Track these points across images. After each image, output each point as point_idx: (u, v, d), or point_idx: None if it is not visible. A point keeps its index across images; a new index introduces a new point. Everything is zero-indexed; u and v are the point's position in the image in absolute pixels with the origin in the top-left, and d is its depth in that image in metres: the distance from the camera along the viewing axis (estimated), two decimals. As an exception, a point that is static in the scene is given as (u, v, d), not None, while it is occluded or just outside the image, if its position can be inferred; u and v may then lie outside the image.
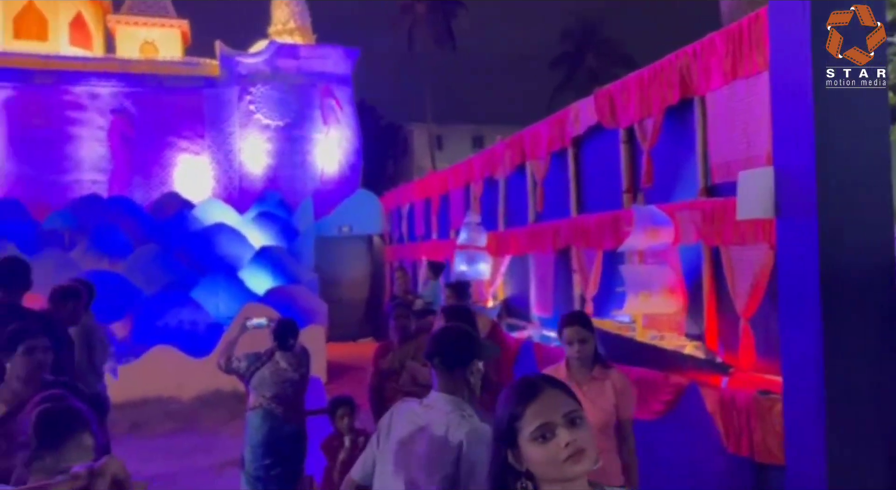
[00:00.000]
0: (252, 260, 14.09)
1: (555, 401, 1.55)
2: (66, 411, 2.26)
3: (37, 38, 18.53)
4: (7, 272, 4.41)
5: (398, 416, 2.55)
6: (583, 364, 3.43)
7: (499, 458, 1.59)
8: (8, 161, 16.77)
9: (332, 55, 19.10)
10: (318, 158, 18.79)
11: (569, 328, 3.43)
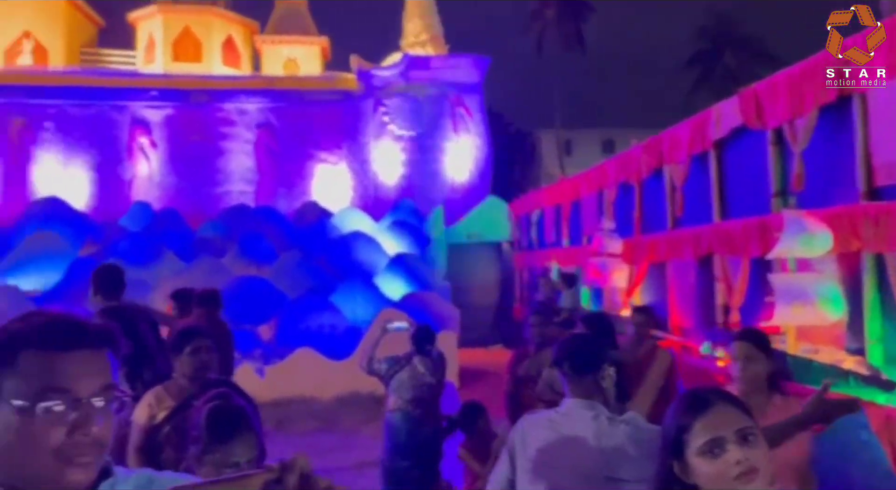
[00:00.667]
0: (387, 267, 14.50)
1: (726, 415, 1.51)
2: (233, 409, 2.42)
3: (193, 60, 20.05)
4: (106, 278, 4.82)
5: (533, 426, 2.53)
6: (752, 387, 3.09)
7: (664, 469, 1.56)
8: (168, 174, 18.22)
9: (463, 65, 19.37)
10: (449, 167, 19.09)
11: (737, 343, 3.16)
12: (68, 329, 1.20)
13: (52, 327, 1.20)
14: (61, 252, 13.91)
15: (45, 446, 1.15)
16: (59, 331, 1.19)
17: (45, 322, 1.20)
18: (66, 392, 1.16)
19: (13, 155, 17.46)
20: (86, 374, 1.19)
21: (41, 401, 1.15)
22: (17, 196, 17.21)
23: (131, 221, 15.92)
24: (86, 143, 17.85)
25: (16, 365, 1.17)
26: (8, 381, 1.16)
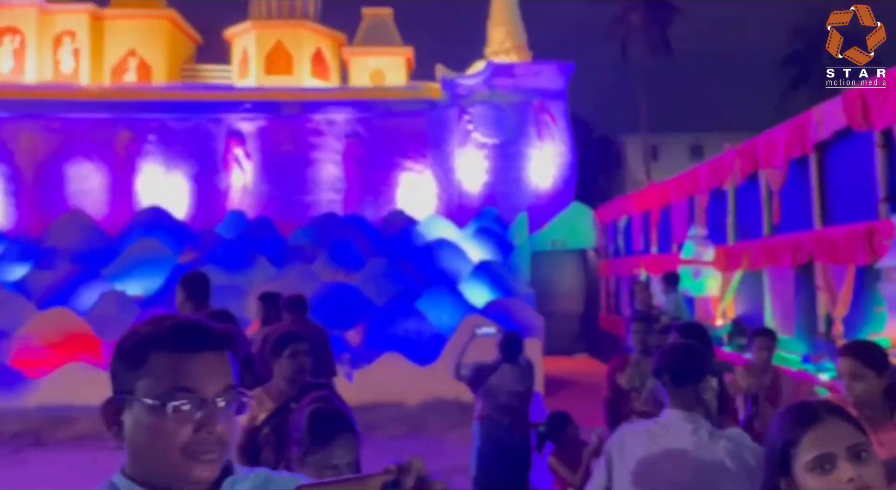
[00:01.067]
0: (471, 273, 14.56)
1: (837, 430, 1.44)
2: (334, 411, 2.49)
3: (284, 73, 20.74)
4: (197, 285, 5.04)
5: (632, 436, 2.50)
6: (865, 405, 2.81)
7: (771, 484, 1.52)
8: (261, 184, 18.89)
9: (547, 71, 19.27)
10: (533, 174, 19.01)
11: (842, 359, 2.89)
12: (195, 332, 1.27)
13: (180, 330, 1.26)
14: (163, 259, 14.62)
15: (174, 443, 1.21)
16: (186, 334, 1.26)
17: (173, 325, 1.27)
18: (192, 392, 1.22)
19: (120, 167, 18.50)
20: (210, 375, 1.25)
21: (171, 400, 1.21)
22: (123, 205, 18.22)
23: (227, 229, 16.57)
24: (185, 155, 18.74)
25: (147, 366, 1.24)
26: (140, 381, 1.24)
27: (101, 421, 1.28)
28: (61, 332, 11.90)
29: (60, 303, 12.82)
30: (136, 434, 1.24)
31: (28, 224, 17.72)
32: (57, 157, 18.29)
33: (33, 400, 10.83)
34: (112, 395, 1.27)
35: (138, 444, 1.24)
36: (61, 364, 11.38)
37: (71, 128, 18.37)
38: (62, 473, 8.09)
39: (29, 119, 18.24)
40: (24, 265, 14.75)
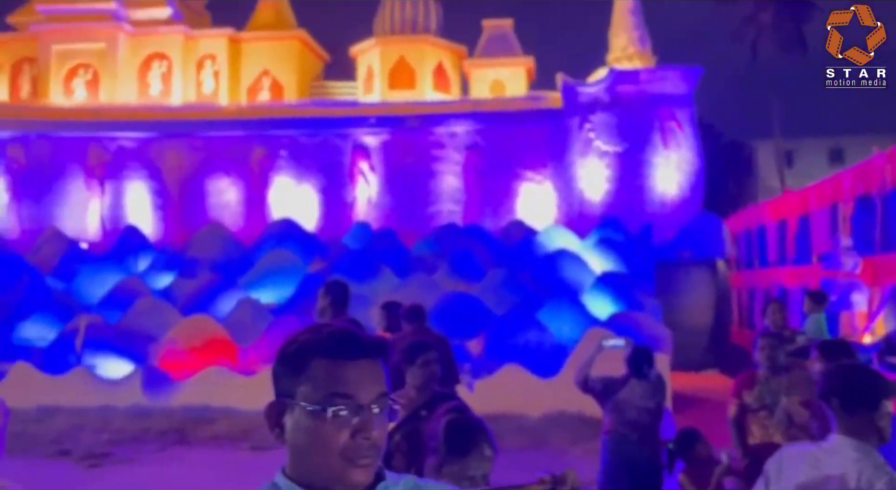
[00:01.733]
0: (594, 285, 14.28)
1: None
2: (470, 423, 2.50)
3: (407, 88, 21.27)
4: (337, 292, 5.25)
5: (792, 460, 2.36)
6: None
7: None
8: (385, 196, 19.42)
9: (672, 76, 18.69)
10: (658, 182, 18.45)
11: None
12: (351, 341, 1.31)
13: (337, 339, 1.31)
14: (294, 268, 15.30)
15: (333, 447, 1.26)
16: (344, 342, 1.31)
17: (331, 334, 1.32)
18: (350, 398, 1.27)
19: (254, 181, 19.59)
20: (366, 382, 1.29)
21: (330, 405, 1.26)
22: (257, 217, 19.26)
23: (353, 240, 17.13)
24: (314, 169, 19.58)
25: (307, 372, 1.29)
26: (301, 386, 1.29)
27: (265, 422, 1.34)
28: (202, 338, 12.68)
29: (201, 310, 13.67)
30: (296, 437, 1.29)
31: (173, 235, 19.08)
32: (199, 173, 19.61)
33: (178, 400, 11.60)
34: (274, 399, 1.33)
35: (299, 447, 1.29)
36: (202, 367, 12.13)
37: (211, 145, 19.65)
38: (204, 471, 8.60)
39: (174, 138, 19.67)
40: (170, 274, 15.85)
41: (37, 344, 13.42)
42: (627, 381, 5.36)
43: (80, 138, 19.71)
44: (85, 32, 20.88)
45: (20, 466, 7.78)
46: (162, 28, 21.49)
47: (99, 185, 19.68)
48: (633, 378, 5.36)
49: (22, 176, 19.68)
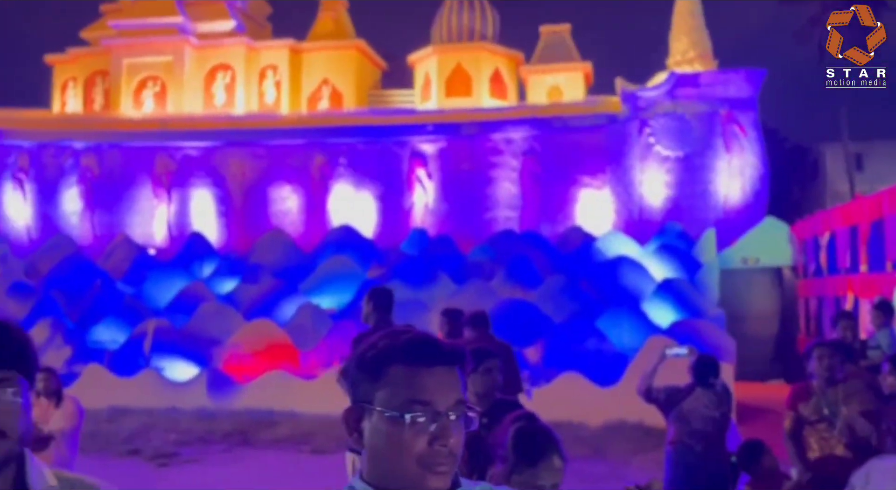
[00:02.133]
0: (655, 292, 14.05)
1: None
2: (541, 432, 2.49)
3: (463, 95, 21.34)
4: (381, 298, 5.27)
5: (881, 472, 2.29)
6: None
7: None
8: (441, 202, 19.51)
9: (735, 79, 18.27)
10: (721, 187, 18.04)
11: None
12: (429, 347, 1.32)
13: (416, 345, 1.32)
14: (352, 274, 15.51)
15: (411, 453, 1.27)
16: (422, 348, 1.32)
17: (409, 340, 1.33)
18: (428, 405, 1.28)
19: (314, 188, 19.94)
20: (444, 388, 1.30)
21: (408, 412, 1.27)
22: (317, 224, 19.59)
23: (410, 246, 17.26)
24: (372, 176, 19.81)
25: (386, 378, 1.30)
26: (379, 391, 1.30)
27: (343, 427, 1.36)
28: (265, 342, 12.97)
29: (264, 315, 13.98)
30: (374, 442, 1.30)
31: (237, 242, 19.56)
32: (261, 181, 20.07)
33: (241, 403, 11.88)
34: (352, 404, 1.35)
35: (377, 452, 1.31)
36: (264, 371, 12.39)
37: (273, 154, 20.09)
38: (267, 472, 8.78)
39: (238, 147, 20.19)
40: (234, 279, 16.26)
41: (108, 346, 13.94)
42: (692, 390, 5.27)
43: (149, 148, 20.42)
44: (153, 46, 21.65)
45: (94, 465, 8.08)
46: (226, 40, 22.11)
47: (166, 193, 20.34)
48: (698, 387, 5.26)
49: (95, 185, 20.49)
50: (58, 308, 14.70)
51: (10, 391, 1.23)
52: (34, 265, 17.80)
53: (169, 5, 21.89)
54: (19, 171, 20.67)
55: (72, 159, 20.67)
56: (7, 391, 1.23)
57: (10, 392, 1.23)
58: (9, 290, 15.85)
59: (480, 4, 22.55)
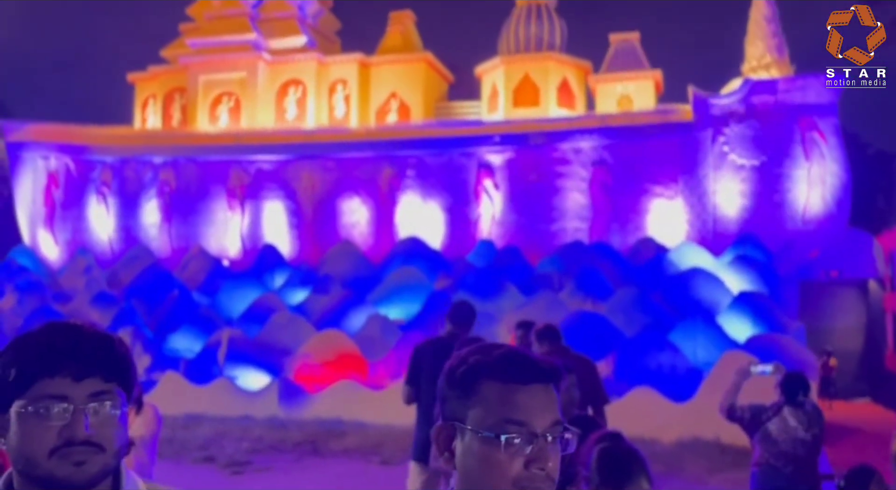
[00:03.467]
0: (731, 305, 13.59)
1: None
2: (626, 453, 2.38)
3: (531, 105, 21.23)
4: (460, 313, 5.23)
5: None
6: None
7: None
8: (509, 213, 19.40)
9: (814, 85, 17.57)
10: (800, 197, 17.37)
11: None
12: (525, 364, 1.24)
13: (511, 361, 1.24)
14: (420, 285, 15.56)
15: (506, 476, 1.19)
16: (517, 365, 1.24)
17: (503, 356, 1.25)
18: (523, 425, 1.20)
19: (383, 200, 20.13)
20: (540, 408, 1.22)
21: (503, 432, 1.20)
22: (385, 236, 19.76)
23: (477, 258, 17.21)
24: (439, 188, 19.87)
25: (478, 395, 1.23)
26: (471, 410, 1.23)
27: (434, 446, 1.30)
28: (334, 352, 13.11)
29: (334, 325, 14.16)
30: (467, 463, 1.23)
31: (308, 253, 19.91)
32: (331, 193, 20.39)
33: (311, 413, 12.02)
34: (443, 422, 1.28)
35: (470, 473, 1.24)
36: (334, 381, 12.52)
37: (343, 166, 20.40)
38: (337, 482, 8.83)
39: (308, 160, 20.59)
40: (305, 290, 16.55)
41: (185, 355, 14.36)
42: (780, 409, 5.01)
43: (223, 162, 21.03)
44: (228, 63, 22.35)
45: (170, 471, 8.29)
46: (297, 56, 22.63)
47: (240, 205, 20.89)
48: (787, 406, 4.99)
49: (172, 198, 21.22)
50: (138, 317, 15.25)
51: (109, 404, 1.23)
52: (116, 276, 18.54)
53: (243, 23, 22.57)
54: (103, 185, 21.60)
55: (151, 173, 21.48)
56: (106, 404, 1.22)
57: (108, 405, 1.22)
58: (93, 299, 16.53)
59: (548, 14, 22.44)
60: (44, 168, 21.90)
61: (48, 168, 21.87)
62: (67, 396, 1.19)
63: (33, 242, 21.71)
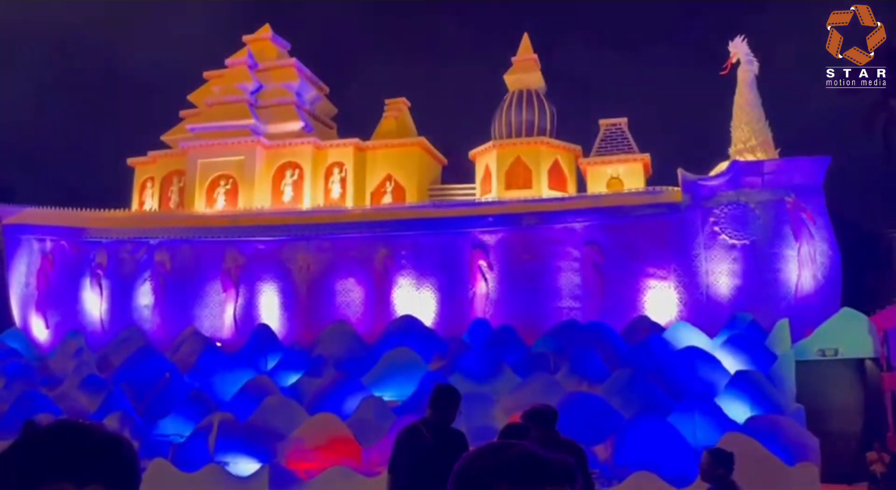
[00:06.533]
0: (728, 386, 13.50)
1: None
2: None
3: (523, 187, 21.63)
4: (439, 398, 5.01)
5: None
6: None
7: None
8: (504, 292, 19.45)
9: (800, 166, 18.05)
10: (791, 275, 17.52)
11: None
12: (538, 466, 1.23)
13: (523, 463, 1.23)
14: (415, 366, 15.43)
15: None
16: (530, 467, 1.23)
17: (515, 458, 1.24)
18: None
19: (378, 280, 20.18)
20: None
21: None
22: (380, 315, 19.71)
23: (472, 337, 17.14)
24: (434, 268, 19.98)
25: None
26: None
27: None
28: (327, 436, 12.86)
29: (327, 408, 13.94)
30: None
31: (301, 334, 19.78)
32: (326, 274, 20.45)
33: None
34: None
35: None
36: (327, 466, 12.22)
37: (338, 247, 20.55)
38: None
39: (304, 240, 20.74)
40: (298, 372, 16.35)
41: (174, 439, 14.03)
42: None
43: (219, 242, 21.16)
44: (227, 147, 22.82)
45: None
46: (294, 140, 23.14)
47: (234, 286, 20.89)
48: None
49: (167, 279, 21.22)
50: (127, 402, 14.98)
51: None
52: (107, 358, 18.31)
53: (242, 109, 23.18)
54: (97, 267, 21.63)
55: (146, 255, 21.55)
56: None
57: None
58: (81, 383, 16.29)
59: (538, 100, 23.15)
60: (39, 250, 21.97)
61: (43, 250, 21.95)
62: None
63: (24, 325, 21.53)
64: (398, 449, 4.98)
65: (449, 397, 5.07)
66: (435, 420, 5.02)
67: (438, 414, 5.03)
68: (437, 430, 4.94)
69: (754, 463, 10.95)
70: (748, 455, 11.05)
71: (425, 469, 4.59)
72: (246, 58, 24.06)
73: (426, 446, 4.79)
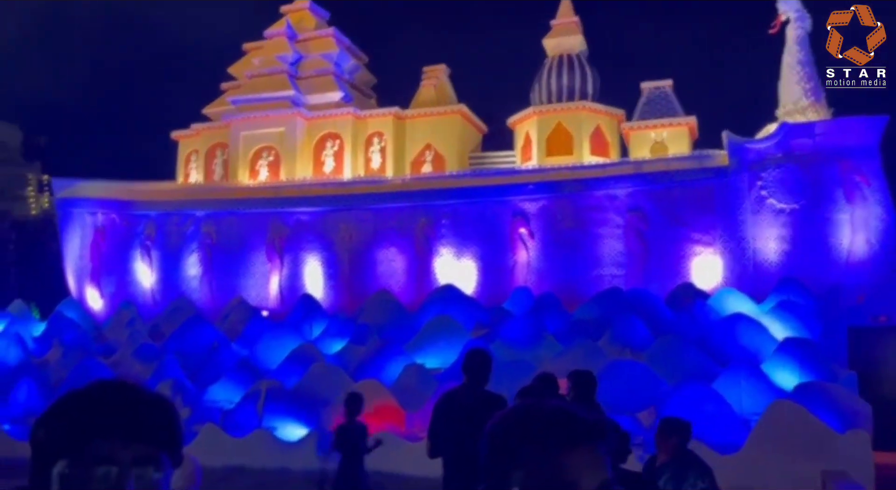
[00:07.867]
0: (776, 352, 13.24)
1: None
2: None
3: (564, 153, 21.36)
4: (472, 363, 5.08)
5: None
6: None
7: None
8: (544, 261, 19.33)
9: (854, 127, 17.37)
10: (843, 240, 17.00)
11: None
12: (569, 424, 1.20)
13: (553, 422, 1.20)
14: (457, 334, 15.49)
15: None
16: (560, 426, 1.20)
17: (545, 416, 1.21)
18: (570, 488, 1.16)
19: (419, 250, 20.25)
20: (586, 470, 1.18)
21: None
22: (422, 284, 19.82)
23: (513, 305, 17.11)
24: (475, 236, 19.94)
25: (521, 459, 1.19)
26: (515, 473, 1.19)
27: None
28: (372, 403, 13.02)
29: (371, 375, 14.13)
30: None
31: (345, 303, 20.03)
32: (368, 244, 20.60)
33: (349, 464, 11.89)
34: (484, 486, 1.25)
35: None
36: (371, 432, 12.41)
37: (379, 217, 20.64)
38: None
39: (345, 211, 20.88)
40: (342, 340, 16.59)
41: (224, 405, 14.42)
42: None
43: (263, 214, 21.45)
44: (268, 119, 23.00)
45: (210, 523, 8.25)
46: (334, 110, 23.19)
47: (278, 256, 21.20)
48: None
49: (213, 250, 21.64)
50: (178, 369, 15.41)
51: (153, 470, 1.20)
52: (158, 328, 18.83)
53: (282, 80, 23.28)
54: (147, 238, 22.15)
55: (193, 227, 21.97)
56: (149, 469, 1.20)
57: (151, 470, 1.20)
58: (135, 352, 16.80)
59: (580, 64, 22.72)
60: (91, 223, 22.57)
61: (95, 223, 22.54)
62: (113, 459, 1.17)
63: (80, 296, 22.24)
64: (436, 415, 5.06)
65: (479, 359, 5.13)
66: (470, 384, 5.08)
67: (472, 377, 5.09)
68: (472, 394, 4.99)
69: (802, 430, 10.79)
70: (796, 422, 10.89)
71: (462, 432, 4.65)
72: (284, 28, 24.08)
73: (463, 409, 4.85)
